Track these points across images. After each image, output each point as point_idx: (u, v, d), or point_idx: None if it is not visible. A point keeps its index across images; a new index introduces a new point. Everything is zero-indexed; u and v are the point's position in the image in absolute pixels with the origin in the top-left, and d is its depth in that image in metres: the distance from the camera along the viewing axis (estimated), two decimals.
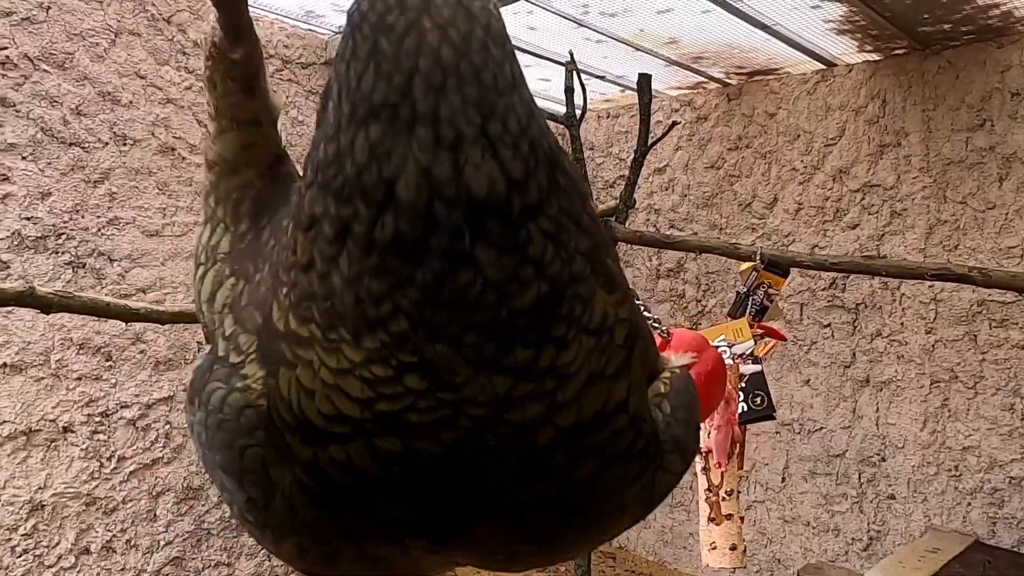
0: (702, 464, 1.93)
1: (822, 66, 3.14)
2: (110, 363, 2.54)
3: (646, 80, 2.81)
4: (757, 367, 1.85)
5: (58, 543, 2.44)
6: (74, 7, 2.42)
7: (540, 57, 3.14)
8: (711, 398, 1.39)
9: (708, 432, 1.87)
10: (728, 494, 1.91)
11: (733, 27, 2.74)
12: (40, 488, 2.40)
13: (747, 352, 1.83)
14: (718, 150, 3.52)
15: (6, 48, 2.29)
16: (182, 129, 2.68)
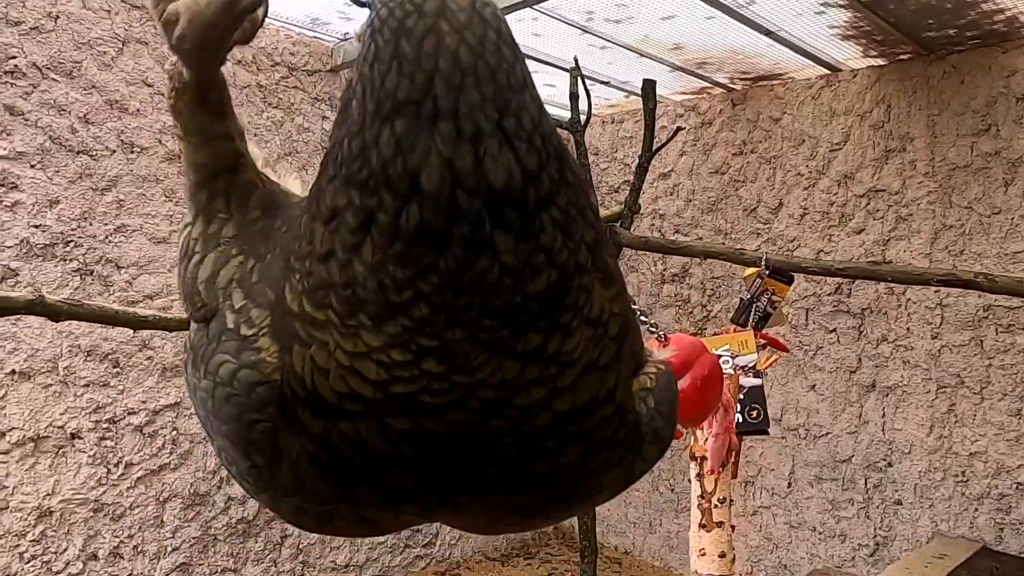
0: (696, 470, 1.93)
1: (827, 71, 3.14)
2: (117, 370, 2.55)
3: (651, 86, 2.81)
4: (757, 381, 1.86)
5: (66, 549, 2.45)
6: (82, 16, 2.44)
7: (545, 63, 3.14)
8: (707, 402, 1.41)
9: (705, 439, 1.87)
10: (720, 501, 1.91)
11: (737, 33, 2.74)
12: (48, 494, 2.41)
13: (750, 365, 1.84)
14: (723, 155, 3.52)
15: (15, 57, 2.31)
16: None
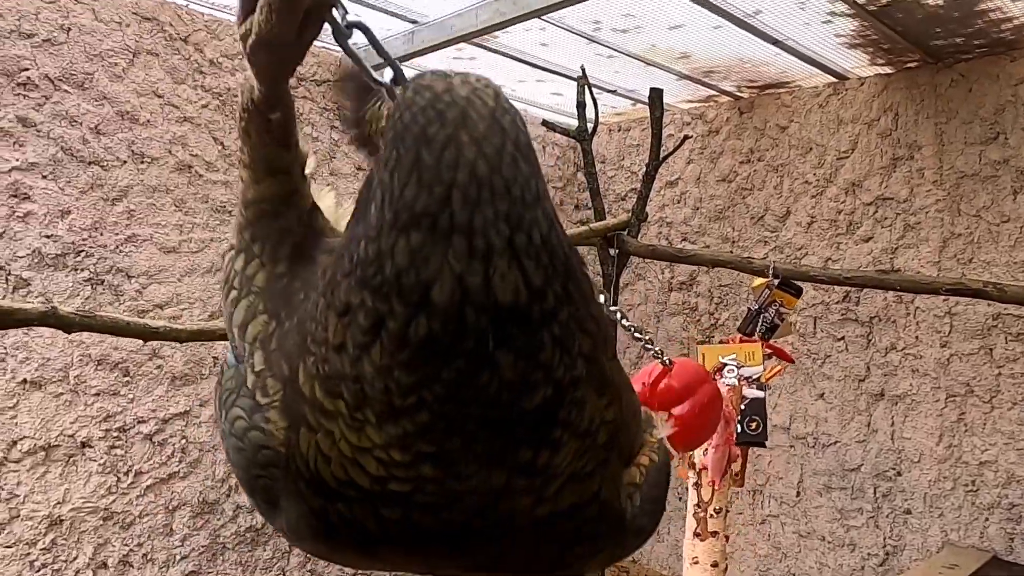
0: (694, 479, 1.93)
1: (834, 79, 3.14)
2: (127, 379, 2.56)
3: (658, 94, 2.82)
4: (760, 393, 1.87)
5: (76, 557, 2.46)
6: (93, 28, 2.46)
7: (553, 72, 3.16)
8: (704, 429, 1.43)
9: (705, 450, 1.87)
10: (717, 511, 1.91)
11: (744, 42, 2.75)
12: (59, 503, 2.42)
13: (754, 377, 1.84)
14: (730, 163, 3.53)
15: (27, 69, 2.34)
16: (199, 147, 2.72)
